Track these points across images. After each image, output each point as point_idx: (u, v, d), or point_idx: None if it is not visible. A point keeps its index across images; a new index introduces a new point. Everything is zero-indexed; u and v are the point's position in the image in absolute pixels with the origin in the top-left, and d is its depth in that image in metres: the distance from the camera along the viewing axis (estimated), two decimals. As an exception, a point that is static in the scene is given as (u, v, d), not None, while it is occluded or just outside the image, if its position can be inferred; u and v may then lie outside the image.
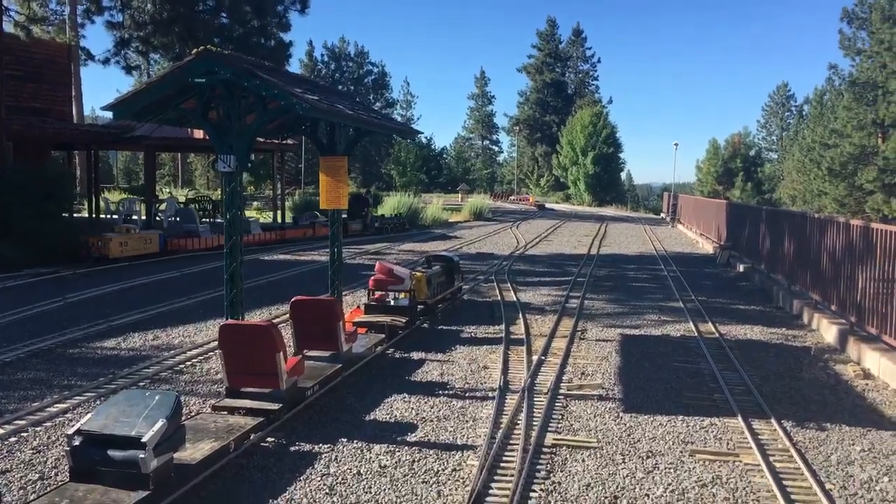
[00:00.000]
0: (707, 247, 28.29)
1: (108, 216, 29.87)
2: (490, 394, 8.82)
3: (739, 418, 8.08)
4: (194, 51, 7.75)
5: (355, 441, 7.33)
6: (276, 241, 25.96)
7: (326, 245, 27.70)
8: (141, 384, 9.09)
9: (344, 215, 31.83)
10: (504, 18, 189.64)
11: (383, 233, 31.69)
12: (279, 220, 32.01)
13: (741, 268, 20.75)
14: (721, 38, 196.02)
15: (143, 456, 5.50)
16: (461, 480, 6.49)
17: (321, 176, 10.08)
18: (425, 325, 12.58)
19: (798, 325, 13.37)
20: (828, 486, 6.57)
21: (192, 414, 7.74)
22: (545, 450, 7.17)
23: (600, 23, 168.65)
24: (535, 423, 7.81)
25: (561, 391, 8.95)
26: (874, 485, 6.63)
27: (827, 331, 12.28)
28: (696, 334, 12.22)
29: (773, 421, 8.05)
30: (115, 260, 19.24)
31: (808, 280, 14.32)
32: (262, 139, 22.60)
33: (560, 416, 8.11)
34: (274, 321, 12.39)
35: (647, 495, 6.29)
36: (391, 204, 38.99)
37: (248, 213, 35.21)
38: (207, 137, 8.20)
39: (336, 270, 10.44)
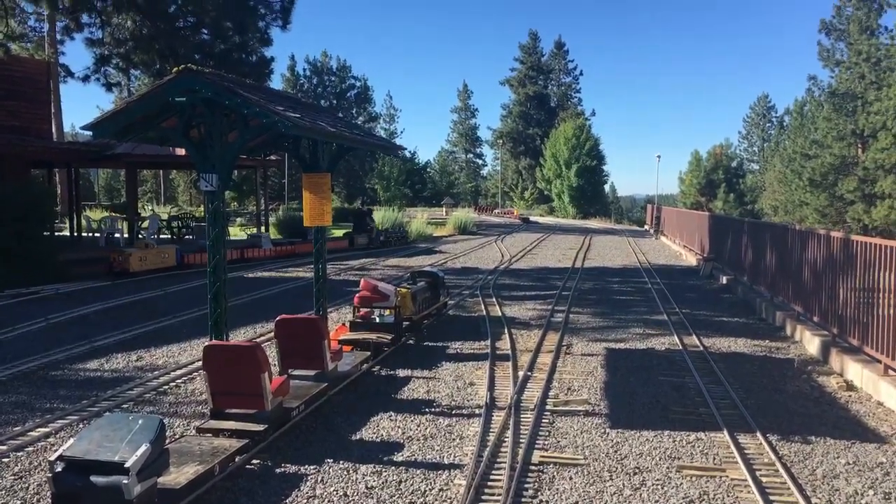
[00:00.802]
0: (690, 259, 28.46)
1: (90, 234, 29.63)
2: (476, 411, 8.81)
3: (725, 432, 8.11)
4: (174, 70, 7.74)
5: (341, 462, 7.29)
6: (287, 255, 26.78)
7: (331, 260, 28.85)
8: (124, 406, 9.00)
9: (349, 229, 33.51)
10: (487, 32, 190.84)
11: (388, 246, 33.18)
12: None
13: (724, 280, 20.89)
14: (703, 50, 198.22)
15: (126, 482, 5.44)
16: (448, 500, 6.47)
17: (304, 193, 10.06)
18: (411, 341, 12.57)
19: (781, 336, 13.47)
20: (814, 500, 6.61)
21: (177, 436, 7.68)
22: (532, 467, 7.17)
23: (582, 35, 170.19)
24: (521, 440, 7.80)
25: (547, 407, 8.96)
26: (860, 498, 6.67)
27: (810, 342, 12.38)
28: (680, 347, 12.27)
29: (758, 434, 8.08)
30: (135, 274, 20.33)
31: (791, 292, 14.44)
32: (244, 155, 22.59)
33: (547, 433, 8.11)
34: (258, 340, 12.32)
35: (635, 512, 6.29)
36: (376, 219, 38.91)
37: (236, 230, 35.04)
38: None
39: (321, 288, 10.41)
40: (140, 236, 26.72)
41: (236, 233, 32.79)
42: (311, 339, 8.94)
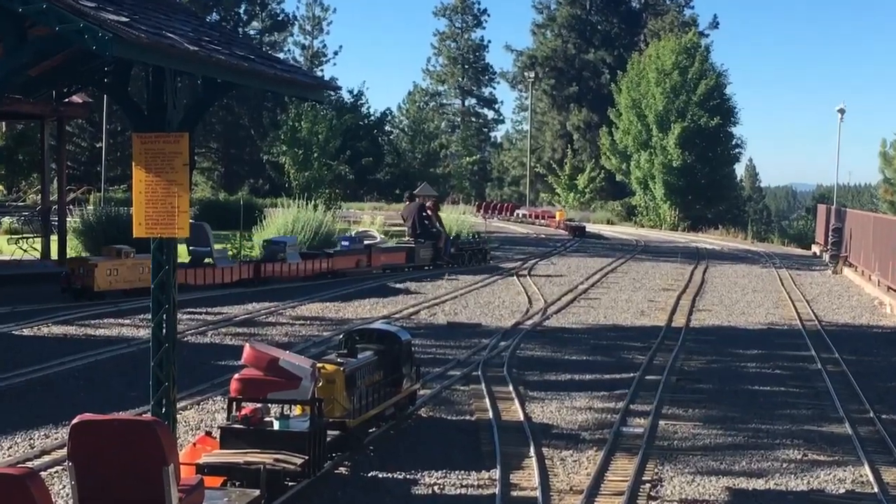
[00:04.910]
0: (901, 313, 28.59)
1: None
2: None
3: None
4: None
5: None
6: (321, 273, 33.99)
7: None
8: None
9: (408, 237, 39.63)
10: None
11: (460, 262, 38.89)
12: (55, 252, 31.80)
13: (967, 356, 20.93)
14: None
15: None
16: None
17: (136, 171, 10.05)
18: (343, 468, 12.54)
19: None
20: None
21: None
22: None
23: None
24: None
25: None
26: None
27: None
28: (875, 490, 12.27)
29: None
30: (102, 294, 25.56)
31: None
32: (19, 95, 22.51)
33: None
34: (35, 465, 12.21)
35: None
36: (278, 223, 38.95)
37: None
38: None
39: (164, 359, 10.36)
40: None
41: (280, 235, 35.71)
42: (142, 462, 8.89)
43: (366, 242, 37.64)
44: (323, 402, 12.01)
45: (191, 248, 31.12)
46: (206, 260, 30.64)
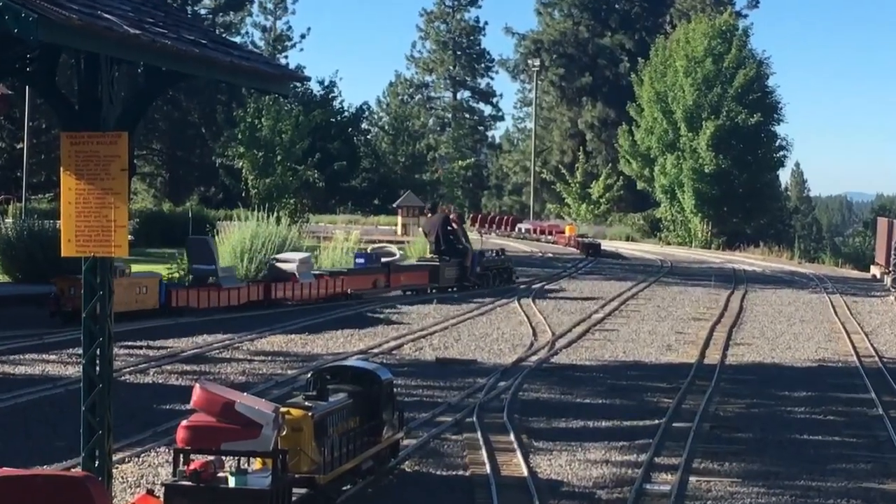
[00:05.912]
0: (978, 348, 28.56)
1: None
2: None
3: None
4: None
5: None
6: (335, 295, 36.06)
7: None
8: None
9: (431, 254, 41.18)
10: None
11: (484, 284, 40.27)
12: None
13: None
14: None
15: None
16: None
17: (65, 177, 10.05)
18: (311, 534, 12.49)
19: None
20: None
21: None
22: None
23: None
24: None
25: None
26: None
27: None
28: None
29: None
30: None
31: None
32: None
33: None
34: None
35: None
36: (234, 240, 38.93)
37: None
38: None
39: (97, 402, 10.35)
40: None
41: (300, 252, 36.80)
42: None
43: (383, 260, 38.83)
44: (287, 454, 11.94)
45: (193, 265, 33.00)
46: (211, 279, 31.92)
